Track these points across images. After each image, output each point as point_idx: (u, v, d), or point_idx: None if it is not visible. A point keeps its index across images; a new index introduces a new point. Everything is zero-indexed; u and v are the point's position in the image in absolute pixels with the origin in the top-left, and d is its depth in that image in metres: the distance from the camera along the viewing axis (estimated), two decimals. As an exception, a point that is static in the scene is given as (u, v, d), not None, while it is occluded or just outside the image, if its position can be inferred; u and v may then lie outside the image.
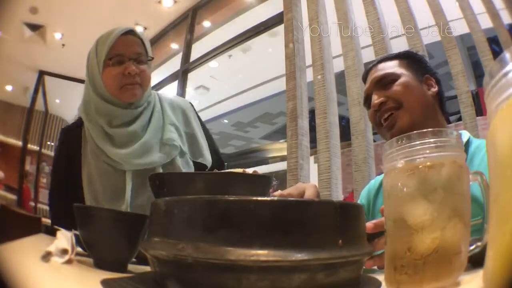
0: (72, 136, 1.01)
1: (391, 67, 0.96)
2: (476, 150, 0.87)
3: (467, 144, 0.88)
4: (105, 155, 0.94)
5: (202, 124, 1.13)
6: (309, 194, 0.70)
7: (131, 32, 0.99)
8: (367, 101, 0.99)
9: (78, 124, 1.02)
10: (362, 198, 1.07)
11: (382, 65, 0.98)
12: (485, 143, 0.29)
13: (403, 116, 0.89)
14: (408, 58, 0.98)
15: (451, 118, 0.99)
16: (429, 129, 0.41)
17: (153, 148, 0.96)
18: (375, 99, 0.93)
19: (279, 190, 0.73)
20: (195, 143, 1.06)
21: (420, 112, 0.89)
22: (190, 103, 1.16)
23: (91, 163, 0.96)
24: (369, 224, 0.57)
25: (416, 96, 0.91)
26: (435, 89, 0.95)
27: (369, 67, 1.02)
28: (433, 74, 0.98)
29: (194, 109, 1.14)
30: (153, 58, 1.02)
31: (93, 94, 0.98)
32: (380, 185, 1.00)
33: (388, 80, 0.93)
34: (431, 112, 0.92)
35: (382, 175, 0.47)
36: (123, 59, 0.95)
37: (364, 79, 1.03)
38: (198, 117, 1.14)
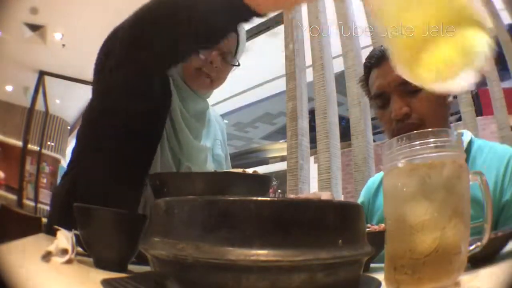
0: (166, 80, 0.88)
1: None
2: (478, 149, 0.87)
3: (470, 143, 0.88)
4: (173, 130, 0.87)
5: None
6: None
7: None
8: (381, 98, 0.87)
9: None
10: (361, 196, 1.06)
11: None
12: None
13: None
14: None
15: (451, 118, 0.97)
16: (429, 129, 0.41)
17: (208, 156, 0.95)
18: (398, 107, 0.82)
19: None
20: (227, 164, 1.08)
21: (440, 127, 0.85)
22: None
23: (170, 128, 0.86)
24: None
25: (438, 113, 0.84)
26: (451, 98, 0.88)
27: (380, 53, 0.88)
28: None
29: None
30: (239, 65, 0.98)
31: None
32: (380, 183, 0.99)
33: (413, 86, 0.79)
34: (446, 123, 0.88)
35: (381, 173, 0.48)
36: (213, 47, 0.90)
37: (369, 65, 0.90)
38: None
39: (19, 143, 5.32)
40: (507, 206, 0.77)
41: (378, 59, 0.88)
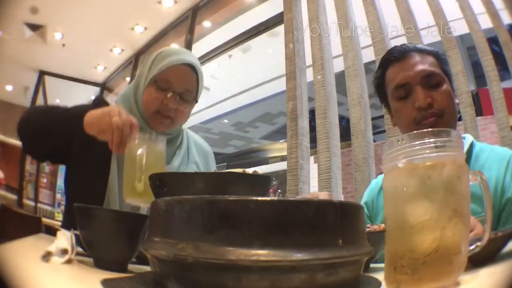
0: None
1: (434, 65, 0.91)
2: (480, 151, 0.91)
3: (471, 146, 0.92)
4: None
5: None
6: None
7: (192, 66, 0.97)
8: (403, 89, 0.91)
9: None
10: (364, 197, 1.08)
11: (424, 58, 0.91)
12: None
13: (443, 126, 0.84)
14: (442, 61, 0.94)
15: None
16: (429, 129, 0.41)
17: None
18: (423, 97, 0.87)
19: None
20: None
21: (454, 124, 0.89)
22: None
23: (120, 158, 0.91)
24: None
25: (453, 108, 0.90)
26: (457, 100, 0.94)
27: (403, 49, 0.94)
28: (453, 84, 0.96)
29: (213, 156, 1.17)
30: (197, 101, 1.00)
31: (133, 98, 0.96)
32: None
33: (435, 81, 0.89)
34: (456, 120, 0.92)
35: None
36: (169, 87, 0.93)
37: (393, 58, 0.94)
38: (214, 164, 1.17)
39: (19, 143, 5.31)
40: (509, 203, 0.80)
41: (402, 53, 0.93)
